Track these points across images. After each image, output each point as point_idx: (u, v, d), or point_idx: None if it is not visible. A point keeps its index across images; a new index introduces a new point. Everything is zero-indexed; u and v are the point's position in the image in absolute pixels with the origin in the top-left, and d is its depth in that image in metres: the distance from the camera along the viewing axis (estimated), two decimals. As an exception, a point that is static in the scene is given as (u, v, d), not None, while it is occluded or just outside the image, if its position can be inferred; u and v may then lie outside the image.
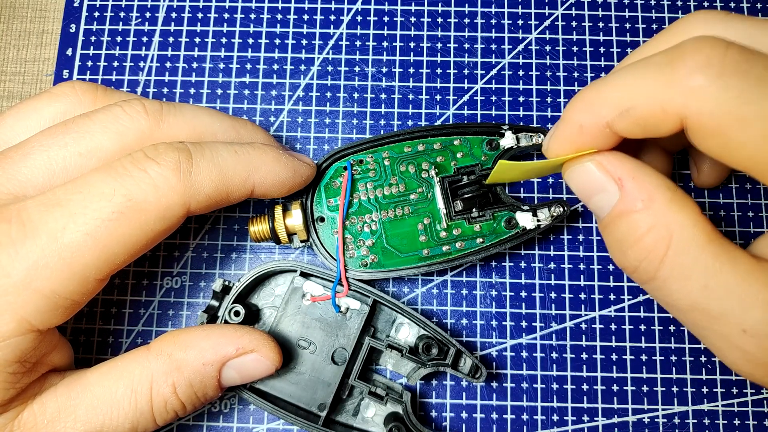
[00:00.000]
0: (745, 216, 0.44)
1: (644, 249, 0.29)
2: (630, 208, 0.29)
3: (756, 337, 0.27)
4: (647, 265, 0.29)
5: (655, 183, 0.29)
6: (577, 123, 0.31)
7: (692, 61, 0.27)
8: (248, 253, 0.44)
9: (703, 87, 0.26)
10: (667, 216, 0.28)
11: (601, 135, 0.30)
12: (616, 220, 0.30)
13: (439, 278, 0.44)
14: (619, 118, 0.29)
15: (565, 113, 0.32)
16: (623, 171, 0.30)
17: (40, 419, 0.32)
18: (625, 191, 0.30)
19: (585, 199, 0.32)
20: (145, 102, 0.36)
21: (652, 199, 0.29)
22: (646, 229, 0.29)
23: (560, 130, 0.32)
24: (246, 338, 0.35)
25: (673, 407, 0.42)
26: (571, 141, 0.32)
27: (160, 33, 0.48)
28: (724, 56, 0.26)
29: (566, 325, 0.43)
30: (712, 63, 0.26)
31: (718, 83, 0.26)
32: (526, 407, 0.42)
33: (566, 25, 0.48)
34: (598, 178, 0.31)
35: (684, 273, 0.28)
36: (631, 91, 0.29)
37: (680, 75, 0.27)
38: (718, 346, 0.29)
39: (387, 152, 0.42)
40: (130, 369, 0.34)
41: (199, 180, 0.33)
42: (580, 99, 0.31)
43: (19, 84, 0.47)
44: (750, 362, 0.28)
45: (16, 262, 0.30)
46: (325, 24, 0.48)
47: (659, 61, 0.28)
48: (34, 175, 0.34)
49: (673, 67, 0.27)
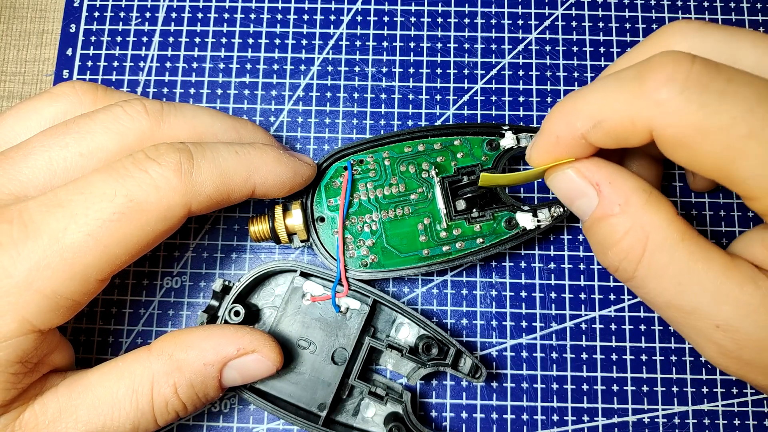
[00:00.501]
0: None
1: (623, 250, 0.30)
2: (608, 212, 0.31)
3: (729, 332, 0.29)
4: (626, 265, 0.31)
5: (631, 186, 0.31)
6: (554, 134, 0.32)
7: (658, 75, 0.28)
8: (248, 253, 0.44)
9: (667, 100, 0.27)
10: (642, 218, 0.30)
11: (577, 145, 0.32)
12: (596, 223, 0.31)
13: (439, 278, 0.44)
14: (593, 130, 0.30)
15: (544, 124, 0.33)
16: (600, 176, 0.31)
17: (41, 420, 0.32)
18: (602, 196, 0.31)
19: (568, 204, 0.34)
20: (146, 102, 0.36)
21: (629, 203, 0.30)
22: (623, 231, 0.30)
23: (539, 141, 0.33)
24: (247, 338, 0.36)
25: (673, 407, 0.42)
26: (549, 151, 0.33)
27: (160, 33, 0.48)
28: (689, 71, 0.27)
29: (566, 325, 0.43)
30: (677, 77, 0.27)
31: (681, 97, 0.27)
32: (526, 407, 0.42)
33: (566, 25, 0.48)
34: (578, 184, 0.32)
35: (659, 272, 0.30)
36: (603, 104, 0.30)
37: (647, 89, 0.28)
38: (695, 340, 0.31)
39: (387, 152, 0.42)
40: (131, 369, 0.34)
41: (200, 180, 0.33)
42: (557, 111, 0.32)
43: (19, 84, 0.47)
44: (724, 356, 0.30)
45: (18, 263, 0.30)
46: (325, 24, 0.48)
47: (629, 76, 0.29)
48: (35, 175, 0.34)
49: (641, 81, 0.28)
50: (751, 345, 0.28)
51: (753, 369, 0.29)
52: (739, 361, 0.29)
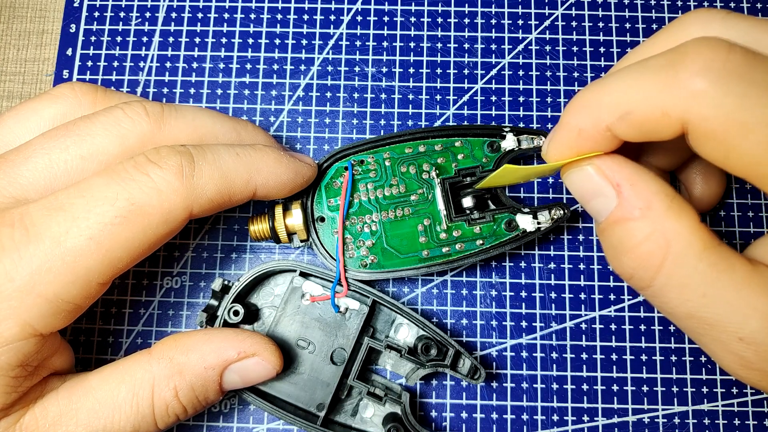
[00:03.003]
0: (745, 216, 0.44)
1: (640, 257, 0.29)
2: (627, 215, 0.29)
3: (753, 345, 0.27)
4: (643, 273, 0.29)
5: (654, 189, 0.29)
6: (576, 127, 0.30)
7: (694, 63, 0.26)
8: (248, 253, 0.44)
9: (704, 91, 0.25)
10: (664, 224, 0.28)
11: (601, 139, 0.30)
12: (613, 225, 0.30)
13: (439, 278, 0.44)
14: (619, 122, 0.28)
15: (564, 117, 0.31)
16: (622, 176, 0.29)
17: (42, 423, 0.32)
18: (622, 198, 0.29)
19: (583, 203, 0.32)
20: (146, 104, 0.36)
21: (650, 207, 0.28)
22: (642, 237, 0.28)
23: (559, 135, 0.31)
24: (248, 342, 0.36)
25: (673, 407, 0.42)
26: (570, 145, 0.31)
27: (160, 33, 0.48)
28: (727, 59, 0.25)
29: (566, 325, 0.43)
30: (714, 66, 0.25)
31: (720, 87, 0.25)
32: (526, 407, 0.42)
33: (566, 25, 0.48)
34: (597, 183, 0.30)
35: (681, 282, 0.28)
36: (631, 94, 0.28)
37: (681, 78, 0.26)
38: (715, 351, 0.29)
39: (388, 153, 0.42)
40: (131, 372, 0.34)
41: (201, 183, 0.33)
42: (578, 102, 0.30)
43: (19, 84, 0.47)
44: (746, 368, 0.28)
45: (20, 267, 0.30)
46: (325, 24, 0.48)
47: (659, 63, 0.27)
48: (36, 178, 0.34)
49: (675, 69, 0.26)
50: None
51: None
52: (761, 372, 0.28)
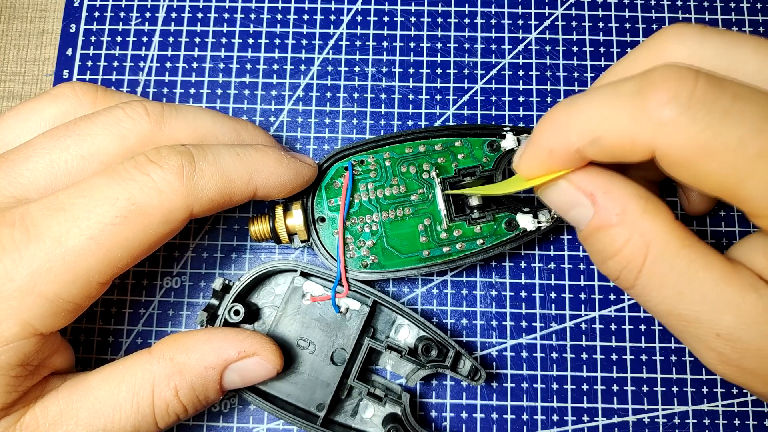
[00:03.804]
0: (745, 216, 0.44)
1: (624, 260, 0.29)
2: (605, 222, 0.30)
3: (729, 341, 0.28)
4: (627, 274, 0.30)
5: (627, 193, 0.30)
6: (547, 147, 0.30)
7: (661, 92, 0.26)
8: (248, 253, 0.44)
9: (671, 120, 0.26)
10: (641, 226, 0.29)
11: (571, 159, 0.30)
12: (593, 233, 0.30)
13: (439, 278, 0.44)
14: (589, 146, 0.29)
15: (535, 135, 0.31)
16: (595, 185, 0.30)
17: (42, 422, 0.32)
18: (598, 206, 0.30)
19: (562, 215, 0.33)
20: (147, 104, 0.36)
21: (626, 211, 0.29)
22: (623, 241, 0.29)
23: (530, 152, 0.32)
24: (248, 342, 0.36)
25: (673, 407, 0.42)
26: (540, 163, 0.31)
27: (160, 33, 0.48)
28: (694, 88, 0.26)
29: (566, 325, 0.43)
30: (681, 95, 0.26)
31: (686, 116, 0.26)
32: (526, 407, 0.42)
33: (566, 25, 0.48)
34: (572, 195, 0.31)
35: (660, 280, 0.29)
36: (601, 119, 0.28)
37: (649, 107, 0.26)
38: (696, 348, 0.30)
39: (388, 153, 0.42)
40: (132, 372, 0.34)
41: (202, 183, 0.33)
42: (550, 122, 0.30)
43: (20, 84, 0.47)
44: (725, 364, 0.29)
45: (20, 267, 0.30)
46: (325, 24, 0.48)
47: (628, 90, 0.28)
48: (36, 178, 0.34)
49: (642, 97, 0.27)
50: (752, 354, 0.28)
51: (754, 377, 0.29)
52: (739, 369, 0.29)
